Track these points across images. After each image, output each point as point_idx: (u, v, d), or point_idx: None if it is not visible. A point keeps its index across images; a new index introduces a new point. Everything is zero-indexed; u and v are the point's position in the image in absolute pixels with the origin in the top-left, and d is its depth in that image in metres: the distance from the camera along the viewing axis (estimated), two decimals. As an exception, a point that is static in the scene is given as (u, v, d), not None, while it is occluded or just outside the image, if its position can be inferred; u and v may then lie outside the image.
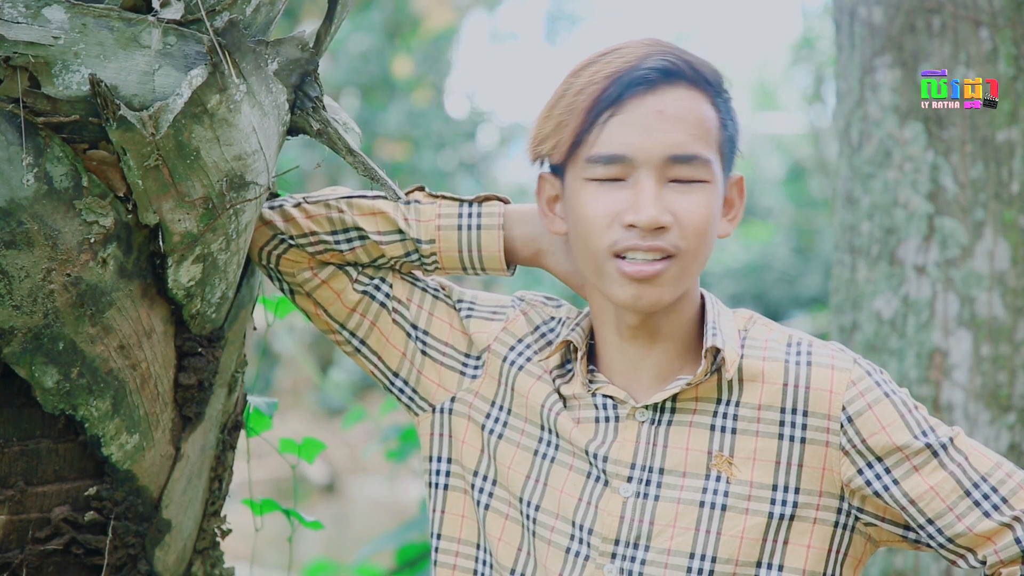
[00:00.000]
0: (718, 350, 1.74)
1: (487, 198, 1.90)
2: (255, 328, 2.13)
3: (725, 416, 1.75)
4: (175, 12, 1.69)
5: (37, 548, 1.80)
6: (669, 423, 1.76)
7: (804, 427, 1.72)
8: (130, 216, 1.73)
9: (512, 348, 1.87)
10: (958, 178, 3.03)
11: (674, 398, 1.76)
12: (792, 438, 1.73)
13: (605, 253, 1.73)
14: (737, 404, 1.75)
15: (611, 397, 1.79)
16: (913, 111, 3.07)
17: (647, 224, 1.70)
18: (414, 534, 4.13)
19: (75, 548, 1.83)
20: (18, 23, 1.62)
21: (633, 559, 1.73)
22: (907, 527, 1.73)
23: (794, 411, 1.73)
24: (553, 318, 1.90)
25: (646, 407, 1.76)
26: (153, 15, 1.69)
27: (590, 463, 1.78)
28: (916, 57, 3.07)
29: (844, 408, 1.71)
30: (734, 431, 1.74)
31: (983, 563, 1.70)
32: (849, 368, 1.73)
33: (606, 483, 1.76)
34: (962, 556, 1.72)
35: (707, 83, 1.75)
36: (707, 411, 1.75)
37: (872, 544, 1.77)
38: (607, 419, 1.78)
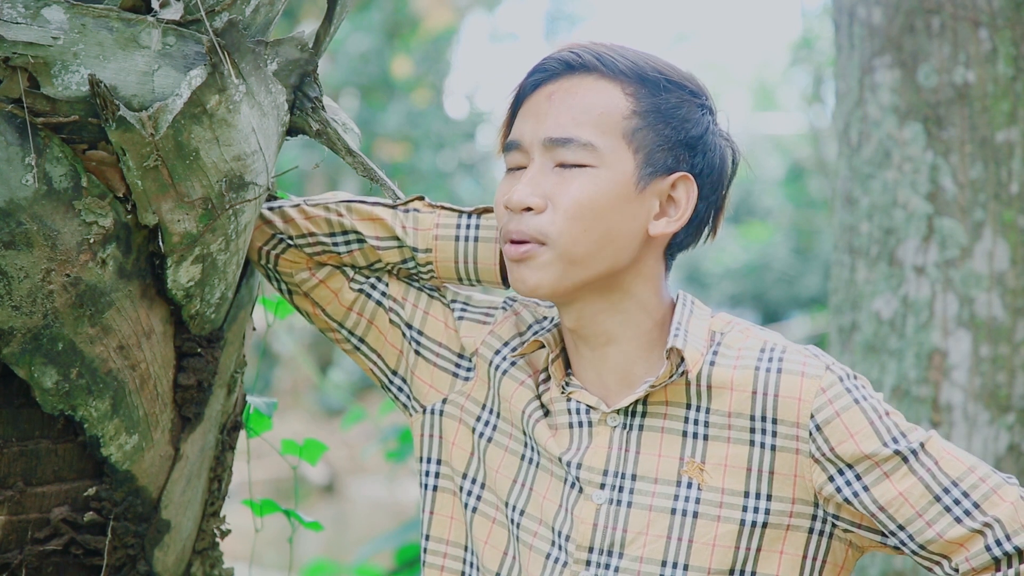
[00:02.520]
0: (680, 352, 1.71)
1: (486, 210, 1.90)
2: (255, 328, 2.13)
3: (696, 422, 1.73)
4: (174, 12, 1.69)
5: (36, 548, 1.80)
6: (641, 428, 1.75)
7: (774, 434, 1.70)
8: (129, 216, 1.73)
9: (498, 352, 1.86)
10: (957, 178, 3.03)
11: (644, 402, 1.75)
12: (763, 445, 1.71)
13: (503, 241, 1.76)
14: (708, 411, 1.73)
15: (584, 403, 1.78)
16: (912, 111, 3.07)
17: (514, 204, 1.73)
18: (413, 534, 4.14)
19: (74, 548, 1.83)
20: (17, 23, 1.62)
21: (607, 566, 1.72)
22: (883, 533, 1.71)
23: (763, 419, 1.71)
24: (546, 317, 1.89)
25: (617, 412, 1.75)
26: (152, 15, 1.69)
27: (565, 469, 1.77)
28: (915, 57, 3.07)
29: (812, 416, 1.69)
30: (706, 437, 1.73)
31: (956, 571, 1.68)
32: (819, 375, 1.71)
33: (580, 490, 1.75)
34: (937, 563, 1.69)
35: (620, 72, 1.75)
36: (678, 416, 1.74)
37: (855, 550, 1.75)
38: (580, 424, 1.77)
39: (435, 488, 1.88)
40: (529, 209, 1.72)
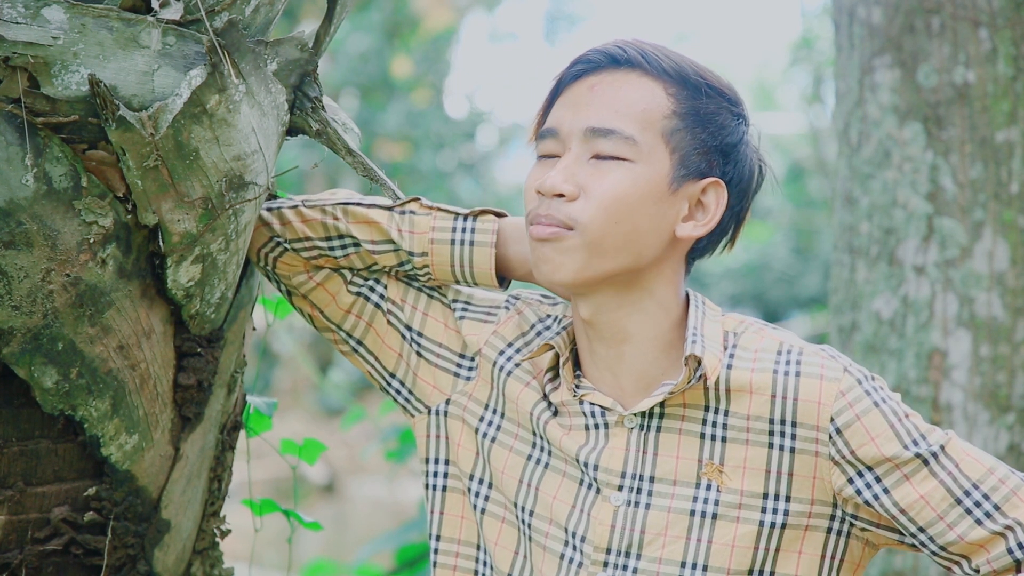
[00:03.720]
0: (699, 359, 1.71)
1: (482, 212, 1.89)
2: (255, 328, 2.13)
3: (715, 424, 1.73)
4: (174, 12, 1.69)
5: (36, 548, 1.80)
6: (659, 429, 1.75)
7: (793, 437, 1.71)
8: (129, 216, 1.73)
9: (502, 352, 1.86)
10: (957, 178, 3.03)
11: (662, 404, 1.75)
12: (782, 448, 1.71)
13: (530, 224, 1.76)
14: (727, 413, 1.73)
15: (599, 404, 1.77)
16: (912, 111, 3.07)
17: (547, 189, 1.72)
18: (413, 535, 4.13)
19: (74, 548, 1.83)
20: (17, 23, 1.62)
21: (625, 567, 1.72)
22: (901, 532, 1.72)
23: (783, 422, 1.71)
24: (549, 316, 1.88)
25: (635, 414, 1.75)
26: (152, 15, 1.69)
27: (582, 470, 1.77)
28: (915, 57, 3.07)
29: (832, 419, 1.69)
30: (724, 439, 1.73)
31: (976, 571, 1.69)
32: (839, 378, 1.71)
33: (598, 491, 1.75)
34: (956, 563, 1.70)
35: (663, 72, 1.75)
36: (696, 418, 1.74)
37: (871, 548, 1.76)
38: (596, 427, 1.77)
39: (444, 488, 1.88)
40: (561, 196, 1.72)
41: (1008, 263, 3.00)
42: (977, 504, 1.67)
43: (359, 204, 1.90)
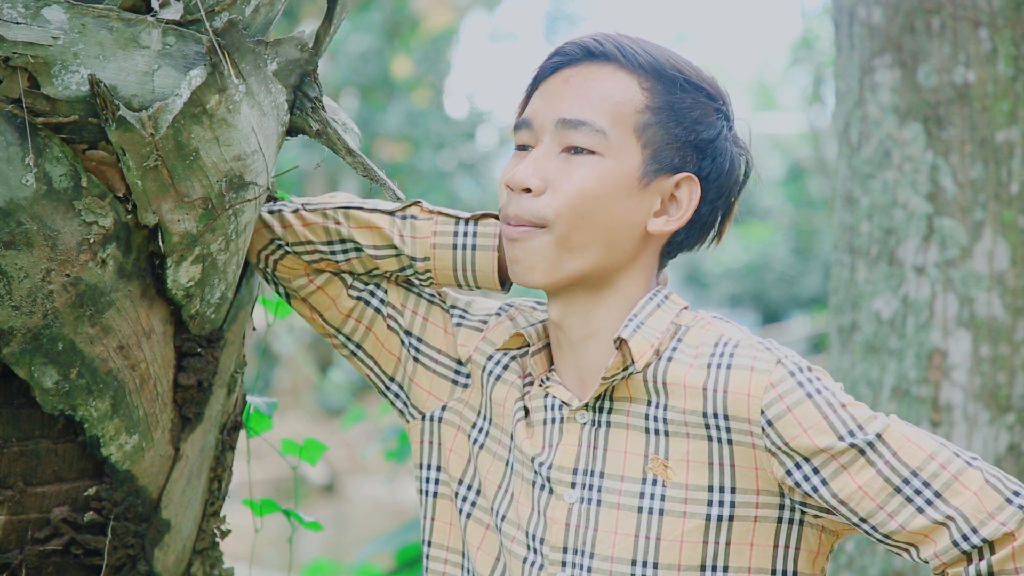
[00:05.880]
0: (627, 342, 1.70)
1: (484, 216, 1.89)
2: (255, 328, 2.13)
3: (656, 419, 1.72)
4: (174, 12, 1.69)
5: (36, 548, 1.80)
6: (608, 424, 1.74)
7: (728, 430, 1.69)
8: (129, 216, 1.73)
9: (490, 357, 1.85)
10: (957, 178, 3.03)
11: (610, 398, 1.74)
12: (720, 440, 1.69)
13: (504, 222, 1.76)
14: (666, 407, 1.72)
15: (559, 398, 1.77)
16: (912, 111, 3.07)
17: (515, 184, 1.73)
18: (413, 535, 4.14)
19: (74, 548, 1.83)
20: (17, 23, 1.62)
21: (581, 566, 1.72)
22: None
23: (715, 415, 1.69)
24: (540, 321, 1.88)
25: (585, 408, 1.75)
26: (152, 15, 1.69)
27: (535, 472, 1.77)
28: (915, 57, 3.07)
29: (763, 412, 1.67)
30: (667, 433, 1.71)
31: (926, 562, 1.66)
32: (769, 370, 1.68)
33: (551, 491, 1.75)
34: (905, 551, 1.68)
35: (639, 66, 1.75)
36: (639, 412, 1.73)
37: (828, 535, 1.73)
38: (553, 420, 1.77)
39: (435, 495, 1.88)
40: (528, 191, 1.73)
41: (1008, 263, 3.00)
42: (917, 492, 1.64)
43: (360, 208, 1.89)
